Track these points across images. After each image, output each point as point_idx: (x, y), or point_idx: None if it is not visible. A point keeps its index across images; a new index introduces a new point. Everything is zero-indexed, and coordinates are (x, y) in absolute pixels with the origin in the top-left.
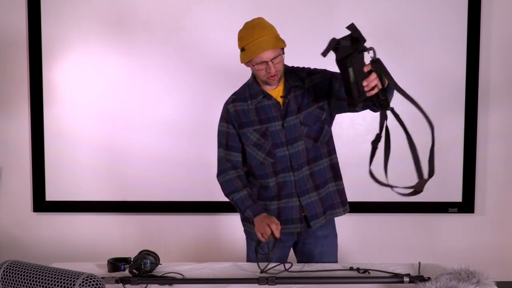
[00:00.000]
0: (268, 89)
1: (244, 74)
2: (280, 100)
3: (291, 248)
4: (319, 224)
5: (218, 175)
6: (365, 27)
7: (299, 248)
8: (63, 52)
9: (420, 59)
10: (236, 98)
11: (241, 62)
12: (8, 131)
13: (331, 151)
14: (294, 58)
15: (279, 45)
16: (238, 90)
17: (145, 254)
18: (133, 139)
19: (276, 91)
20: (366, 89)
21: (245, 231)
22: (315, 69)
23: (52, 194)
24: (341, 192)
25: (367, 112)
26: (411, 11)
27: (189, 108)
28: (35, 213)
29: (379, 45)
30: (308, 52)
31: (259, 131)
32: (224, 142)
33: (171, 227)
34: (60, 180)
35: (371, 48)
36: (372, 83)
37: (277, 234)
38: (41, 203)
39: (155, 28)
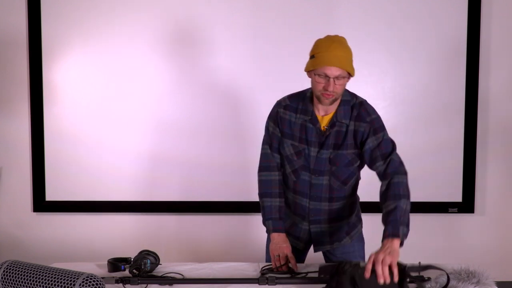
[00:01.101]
0: (320, 113)
1: (244, 73)
2: (323, 128)
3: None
4: (324, 249)
5: (261, 171)
6: (365, 27)
7: (325, 254)
8: (63, 52)
9: (420, 59)
10: (289, 105)
11: (305, 70)
12: (8, 131)
13: (354, 190)
14: (294, 58)
15: (348, 68)
16: (293, 96)
17: (145, 254)
18: (133, 139)
19: (325, 119)
20: None
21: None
22: (370, 117)
23: (52, 194)
24: (352, 222)
25: None
26: (411, 11)
27: (189, 108)
28: (35, 213)
29: (379, 45)
30: (307, 52)
31: (296, 148)
32: (270, 141)
33: (171, 227)
34: (60, 180)
35: None
36: None
37: (295, 268)
38: (41, 203)
39: (155, 28)
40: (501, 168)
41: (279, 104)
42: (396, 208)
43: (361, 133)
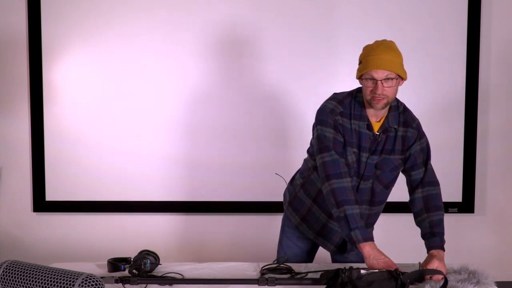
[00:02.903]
0: (373, 119)
1: (245, 73)
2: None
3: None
4: (351, 253)
5: (331, 179)
6: (365, 27)
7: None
8: (63, 52)
9: (420, 59)
10: (343, 112)
11: (356, 78)
12: (8, 131)
13: (388, 197)
14: (295, 58)
15: (396, 69)
16: (344, 101)
17: (145, 254)
18: (133, 139)
19: (377, 125)
20: None
21: (287, 219)
22: (415, 122)
23: (52, 194)
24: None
25: None
26: (411, 11)
27: (189, 108)
28: (35, 213)
29: None
30: (308, 52)
31: (356, 155)
32: (332, 147)
33: (171, 227)
34: (60, 180)
35: None
36: None
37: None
38: (41, 203)
39: (156, 27)
40: (501, 168)
41: (332, 111)
42: (440, 221)
43: (409, 138)
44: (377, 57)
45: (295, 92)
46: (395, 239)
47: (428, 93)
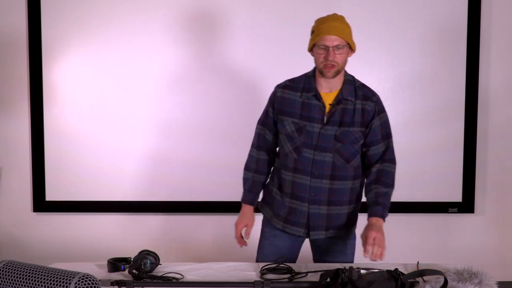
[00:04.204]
0: (323, 90)
1: (245, 73)
2: (328, 106)
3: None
4: (318, 237)
5: (252, 147)
6: (365, 28)
7: (314, 246)
8: (63, 52)
9: (420, 59)
10: (289, 85)
11: (308, 50)
12: (8, 131)
13: (357, 175)
14: (296, 58)
15: (346, 38)
16: (295, 78)
17: (145, 254)
18: (133, 139)
19: (328, 96)
20: None
21: (263, 216)
22: (375, 97)
23: (52, 194)
24: (352, 215)
25: None
26: (411, 11)
27: (190, 108)
28: (35, 213)
29: (379, 45)
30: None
31: (296, 124)
32: (262, 118)
33: (171, 227)
34: (60, 180)
35: None
36: None
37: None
38: (41, 203)
39: (156, 27)
40: (501, 168)
41: (278, 85)
42: (387, 194)
43: (368, 111)
44: (328, 24)
45: None
46: (395, 239)
47: (428, 93)
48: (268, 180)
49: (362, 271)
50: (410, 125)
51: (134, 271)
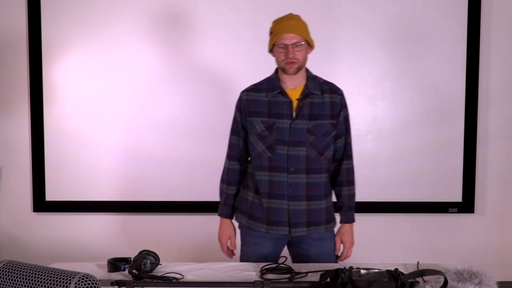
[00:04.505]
0: (287, 87)
1: (245, 74)
2: (295, 101)
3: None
4: (300, 233)
5: (226, 159)
6: (365, 28)
7: (294, 250)
8: (63, 52)
9: (420, 59)
10: (252, 88)
11: (268, 51)
12: (8, 131)
13: (330, 169)
14: None
15: (304, 35)
16: (257, 82)
17: (145, 254)
18: (133, 139)
19: (294, 92)
20: None
21: (240, 225)
22: (340, 90)
23: (52, 194)
24: (330, 209)
25: (367, 111)
26: (411, 12)
27: (189, 108)
28: (35, 213)
29: (379, 45)
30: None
31: (266, 123)
32: (232, 126)
33: (171, 227)
34: (60, 180)
35: None
36: None
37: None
38: (41, 203)
39: (155, 27)
40: (501, 168)
41: (242, 91)
42: (354, 195)
43: (336, 104)
44: (285, 23)
45: None
46: (395, 239)
47: (428, 93)
48: (241, 189)
49: (362, 271)
50: (410, 125)
51: (134, 271)
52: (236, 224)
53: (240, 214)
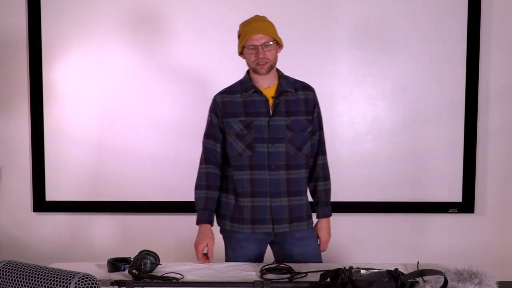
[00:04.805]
0: (261, 86)
1: (243, 72)
2: (270, 99)
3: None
4: (282, 230)
5: (199, 164)
6: (365, 28)
7: (277, 249)
8: (63, 52)
9: (421, 59)
10: (226, 90)
11: (238, 54)
12: (8, 131)
13: (308, 165)
14: (294, 58)
15: (272, 34)
16: (230, 85)
17: (145, 254)
18: (133, 139)
19: (268, 91)
20: None
21: (222, 230)
22: (312, 87)
23: (52, 194)
24: (308, 206)
25: (367, 112)
26: (411, 12)
27: (189, 108)
28: (35, 213)
29: (380, 45)
30: (307, 51)
31: (243, 122)
32: (206, 131)
33: (171, 227)
34: (60, 180)
35: None
36: None
37: (208, 259)
38: (41, 203)
39: (155, 27)
40: (501, 168)
41: (216, 94)
42: (330, 190)
43: (310, 100)
44: (253, 25)
45: None
46: (395, 239)
47: (428, 93)
48: (220, 194)
49: (362, 271)
50: (410, 125)
51: (134, 271)
52: (217, 229)
53: (221, 219)
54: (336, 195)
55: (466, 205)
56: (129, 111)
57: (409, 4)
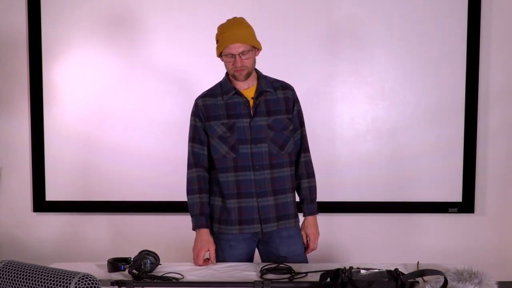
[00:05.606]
0: (241, 88)
1: None
2: (251, 100)
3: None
4: (270, 229)
5: (187, 169)
6: (365, 28)
7: (263, 248)
8: (63, 52)
9: (421, 59)
10: (206, 93)
11: (217, 56)
12: (8, 131)
13: (292, 163)
14: (294, 57)
15: (250, 41)
16: (209, 88)
17: (145, 254)
18: (133, 139)
19: (248, 92)
20: None
21: (210, 232)
22: (291, 86)
23: (52, 194)
24: (295, 203)
25: (367, 112)
26: (411, 12)
27: (189, 108)
28: (35, 213)
29: (379, 45)
30: (306, 51)
31: (226, 124)
32: (191, 135)
33: (171, 227)
34: (60, 180)
35: None
36: None
37: (208, 263)
38: (41, 203)
39: (155, 28)
40: (501, 168)
41: (197, 98)
42: (315, 188)
43: (289, 98)
44: (229, 33)
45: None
46: (395, 239)
47: (428, 93)
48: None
49: (362, 271)
50: (410, 125)
51: (134, 271)
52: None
53: (210, 222)
54: (336, 195)
55: (466, 205)
56: (129, 111)
57: (409, 4)
